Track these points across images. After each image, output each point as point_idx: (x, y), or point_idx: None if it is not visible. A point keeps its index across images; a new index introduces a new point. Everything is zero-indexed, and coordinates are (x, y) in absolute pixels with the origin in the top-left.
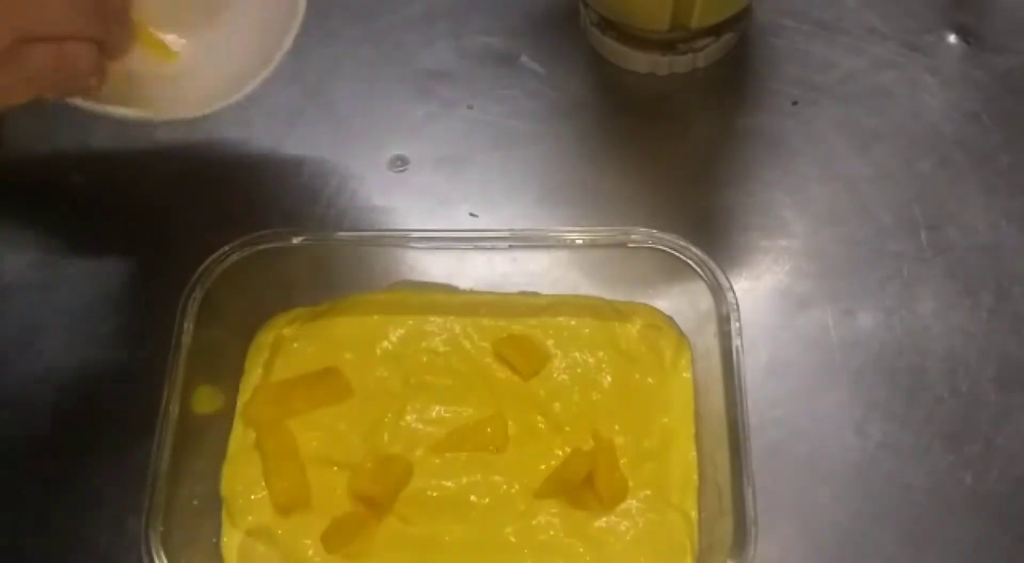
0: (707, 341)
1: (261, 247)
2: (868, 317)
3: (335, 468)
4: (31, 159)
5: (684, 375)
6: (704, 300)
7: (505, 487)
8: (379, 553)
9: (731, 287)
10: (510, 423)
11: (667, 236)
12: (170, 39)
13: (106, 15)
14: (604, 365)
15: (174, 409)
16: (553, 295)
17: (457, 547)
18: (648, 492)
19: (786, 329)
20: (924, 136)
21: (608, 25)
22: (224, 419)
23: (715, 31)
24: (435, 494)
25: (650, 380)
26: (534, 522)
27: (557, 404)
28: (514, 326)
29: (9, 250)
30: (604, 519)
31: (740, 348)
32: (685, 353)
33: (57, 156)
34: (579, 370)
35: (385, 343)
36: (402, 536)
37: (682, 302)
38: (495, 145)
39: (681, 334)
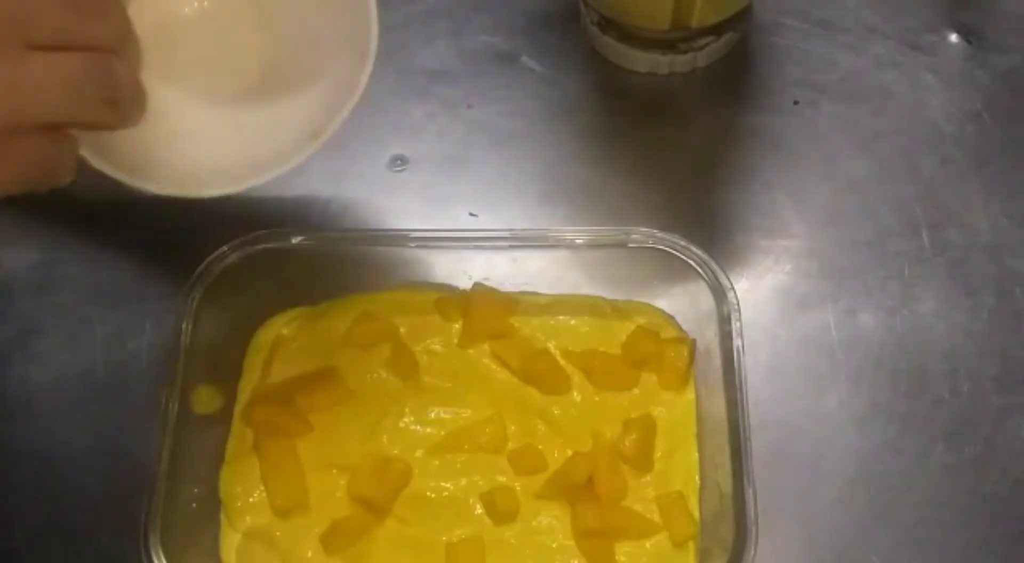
0: (708, 341)
1: (260, 247)
2: (869, 317)
3: (334, 470)
4: None
5: (685, 375)
6: (705, 300)
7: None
8: (379, 555)
9: (732, 287)
10: (509, 424)
11: (667, 236)
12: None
13: (117, 100)
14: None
15: (173, 409)
16: (553, 295)
17: (457, 549)
18: (648, 493)
19: (787, 329)
20: (925, 135)
21: (608, 24)
22: (223, 419)
23: (716, 30)
24: (434, 496)
25: (651, 380)
26: (535, 523)
27: (556, 405)
28: (515, 326)
29: (9, 251)
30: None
31: (741, 348)
32: (685, 353)
33: None
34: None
35: (384, 344)
36: (402, 538)
37: (683, 302)
38: (495, 145)
39: (682, 333)
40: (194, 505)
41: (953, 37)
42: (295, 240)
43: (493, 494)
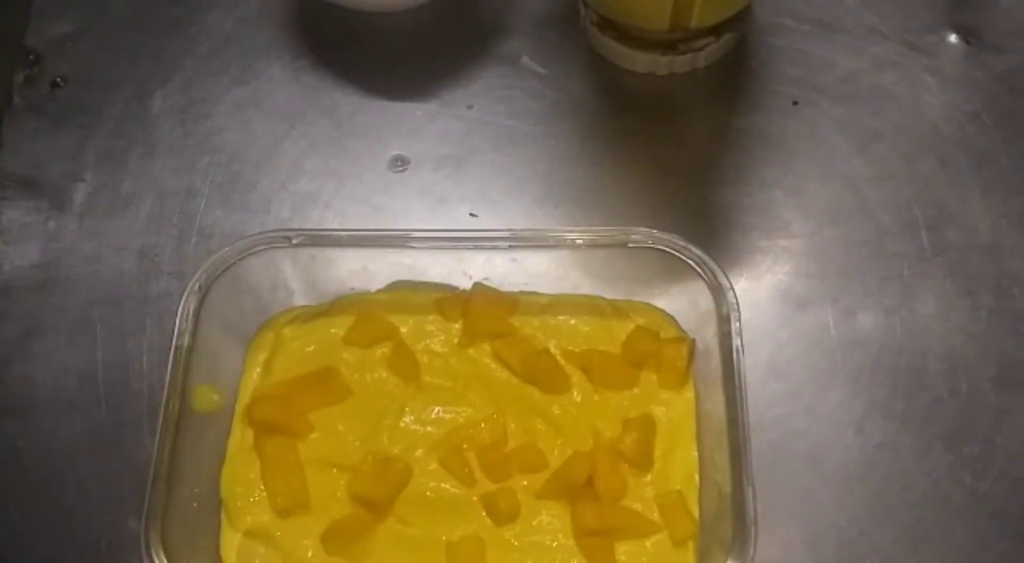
0: (707, 341)
1: (261, 247)
2: (868, 317)
3: (334, 470)
4: (32, 160)
5: (684, 375)
6: (704, 300)
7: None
8: (379, 554)
9: (731, 287)
10: (510, 423)
11: (667, 236)
12: None
13: None
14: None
15: (174, 409)
16: (553, 294)
17: (457, 548)
18: (648, 492)
19: (786, 329)
20: (924, 136)
21: (608, 25)
22: (224, 419)
23: (715, 31)
24: (434, 495)
25: (650, 380)
26: (535, 523)
27: (556, 404)
28: (515, 326)
29: (9, 250)
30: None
31: (740, 348)
32: (685, 353)
33: (57, 157)
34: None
35: (384, 343)
36: (402, 537)
37: (682, 302)
38: (495, 145)
39: (681, 333)
40: (194, 505)
41: (952, 38)
42: (296, 240)
43: (493, 494)
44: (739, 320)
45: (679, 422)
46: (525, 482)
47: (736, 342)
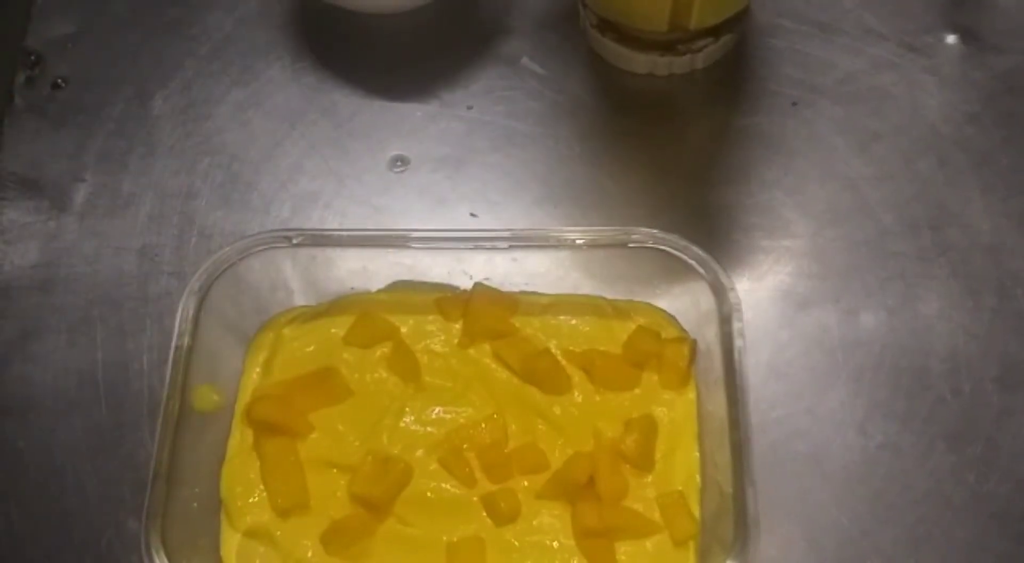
0: (709, 341)
1: (261, 247)
2: (870, 317)
3: (334, 470)
4: (32, 160)
5: (685, 375)
6: (705, 300)
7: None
8: (379, 555)
9: (733, 287)
10: (510, 423)
11: (668, 236)
12: None
13: None
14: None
15: (174, 409)
16: (554, 294)
17: (457, 549)
18: (649, 493)
19: (788, 329)
20: (923, 136)
21: (607, 26)
22: (224, 419)
23: (714, 32)
24: (434, 496)
25: (652, 380)
26: (535, 523)
27: (557, 405)
28: (515, 326)
29: (9, 250)
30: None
31: (742, 348)
32: (686, 353)
33: (58, 157)
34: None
35: (384, 344)
36: (402, 538)
37: (684, 302)
38: (495, 145)
39: (683, 333)
40: (194, 505)
41: (951, 38)
42: (296, 240)
43: (494, 494)
44: (740, 320)
45: (680, 422)
46: (526, 482)
47: (738, 342)
